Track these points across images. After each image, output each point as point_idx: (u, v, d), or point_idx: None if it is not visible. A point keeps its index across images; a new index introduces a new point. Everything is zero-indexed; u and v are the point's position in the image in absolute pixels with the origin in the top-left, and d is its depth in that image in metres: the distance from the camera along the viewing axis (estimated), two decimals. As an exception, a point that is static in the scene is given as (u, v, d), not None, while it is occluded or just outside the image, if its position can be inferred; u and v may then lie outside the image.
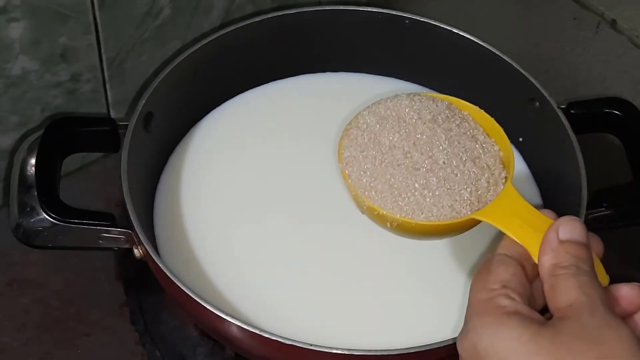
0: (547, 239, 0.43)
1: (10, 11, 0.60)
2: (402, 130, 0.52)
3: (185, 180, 0.66)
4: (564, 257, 0.42)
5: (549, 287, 0.41)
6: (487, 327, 0.40)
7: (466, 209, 0.50)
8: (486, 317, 0.40)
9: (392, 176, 0.50)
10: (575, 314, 0.39)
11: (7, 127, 0.67)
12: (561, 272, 0.41)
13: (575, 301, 0.39)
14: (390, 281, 0.60)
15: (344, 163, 0.53)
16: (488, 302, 0.41)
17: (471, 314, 0.41)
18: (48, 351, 0.63)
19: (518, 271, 0.43)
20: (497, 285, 0.42)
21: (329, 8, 0.70)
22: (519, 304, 0.41)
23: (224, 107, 0.71)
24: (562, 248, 0.42)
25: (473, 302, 0.42)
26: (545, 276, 0.42)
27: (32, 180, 0.58)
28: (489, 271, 0.43)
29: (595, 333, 0.38)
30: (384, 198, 0.50)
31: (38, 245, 0.57)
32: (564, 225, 0.43)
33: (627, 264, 0.70)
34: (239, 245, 0.62)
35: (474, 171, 0.51)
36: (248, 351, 0.55)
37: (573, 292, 0.40)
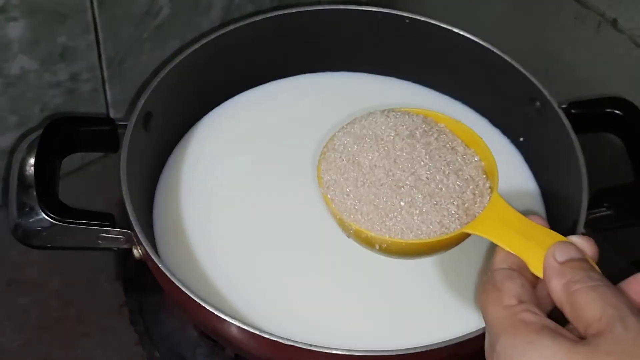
0: (549, 266, 0.42)
1: (9, 10, 0.60)
2: (380, 149, 0.51)
3: (185, 180, 0.66)
4: (572, 273, 0.41)
5: (569, 307, 0.40)
6: (519, 347, 0.39)
7: (455, 223, 0.49)
8: (516, 337, 0.39)
9: (376, 197, 0.49)
10: (608, 328, 0.38)
11: (6, 126, 0.67)
12: (577, 286, 0.40)
13: (603, 314, 0.38)
14: (390, 282, 0.60)
15: (325, 187, 0.51)
16: (511, 318, 0.40)
17: (497, 334, 0.40)
18: (47, 352, 0.63)
19: (525, 282, 0.42)
20: (514, 301, 0.41)
21: (329, 8, 0.70)
22: (543, 318, 0.40)
23: (223, 106, 0.71)
24: (566, 267, 0.42)
25: (494, 321, 0.41)
26: (561, 299, 0.41)
27: (31, 180, 0.57)
28: (498, 288, 0.42)
29: (632, 348, 0.37)
30: (370, 220, 0.49)
31: (37, 246, 0.57)
32: (558, 249, 0.43)
33: (627, 264, 0.70)
34: (239, 246, 0.62)
35: (459, 184, 0.50)
36: (248, 352, 0.55)
37: (597, 305, 0.39)
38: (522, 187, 0.67)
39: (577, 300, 0.40)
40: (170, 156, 0.68)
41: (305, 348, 0.49)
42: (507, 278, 0.43)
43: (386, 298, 0.59)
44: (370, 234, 0.49)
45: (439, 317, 0.58)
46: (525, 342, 0.38)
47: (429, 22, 0.68)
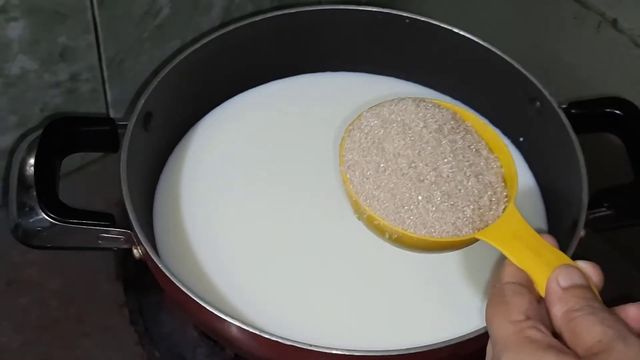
0: (551, 291, 0.42)
1: (9, 11, 0.60)
2: (407, 138, 0.50)
3: (185, 180, 0.66)
4: (574, 301, 0.41)
5: (569, 334, 0.40)
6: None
7: (468, 227, 0.49)
8: (521, 354, 0.39)
9: (395, 186, 0.49)
10: (608, 346, 0.38)
11: (6, 126, 0.67)
12: (577, 314, 0.40)
13: (603, 336, 0.38)
14: (391, 282, 0.60)
15: (345, 166, 0.51)
16: (517, 335, 0.40)
17: (502, 349, 0.40)
18: (47, 352, 0.63)
19: (532, 299, 0.42)
20: (522, 317, 0.41)
21: (329, 8, 0.70)
22: (548, 337, 0.40)
23: (223, 106, 0.71)
24: (568, 294, 0.42)
25: (500, 336, 0.41)
26: (562, 326, 0.41)
27: (31, 180, 0.57)
28: (506, 302, 0.42)
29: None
30: (386, 208, 0.49)
31: (37, 246, 0.57)
32: (562, 274, 0.43)
33: (627, 264, 0.70)
34: (239, 246, 0.62)
35: (478, 188, 0.50)
36: (248, 352, 0.55)
37: (597, 328, 0.39)
38: (522, 187, 0.67)
39: (577, 327, 0.40)
40: (171, 156, 0.68)
41: (305, 348, 0.49)
42: (516, 293, 0.42)
43: (387, 298, 0.59)
44: (384, 222, 0.48)
45: (439, 318, 0.58)
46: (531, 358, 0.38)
47: (429, 22, 0.68)
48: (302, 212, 0.63)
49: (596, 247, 0.60)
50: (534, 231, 0.47)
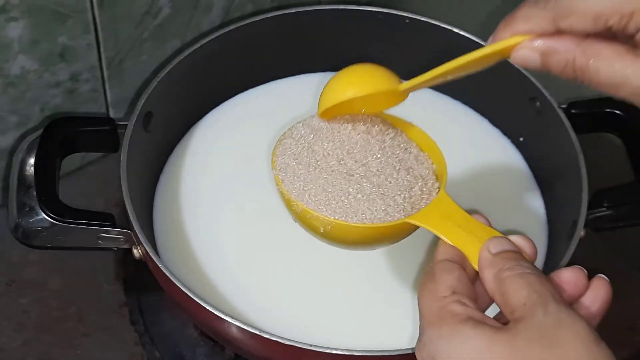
0: (482, 257, 0.43)
1: (9, 10, 0.59)
2: (335, 139, 0.52)
3: (185, 180, 0.66)
4: (503, 262, 0.42)
5: (500, 295, 0.41)
6: (443, 338, 0.39)
7: (400, 213, 0.49)
8: (441, 328, 0.40)
9: (325, 181, 0.50)
10: (529, 313, 0.39)
11: (6, 126, 0.67)
12: (506, 274, 0.41)
13: (528, 300, 0.39)
14: (391, 282, 0.60)
15: (277, 169, 0.52)
16: (441, 310, 0.41)
17: (426, 324, 0.41)
18: (47, 351, 0.63)
19: (462, 275, 0.43)
20: (447, 292, 0.41)
21: (329, 7, 0.70)
22: (470, 309, 0.40)
23: (223, 106, 0.71)
24: (498, 257, 0.42)
25: (426, 312, 0.42)
26: (493, 287, 0.41)
27: (31, 180, 0.57)
28: (435, 280, 0.43)
29: (551, 333, 0.38)
30: (317, 201, 0.49)
31: (37, 246, 0.57)
32: (492, 242, 0.43)
33: (627, 264, 0.70)
34: (239, 246, 0.62)
35: (408, 179, 0.51)
36: (248, 352, 0.55)
37: (523, 291, 0.40)
38: (522, 187, 0.68)
39: (506, 288, 0.40)
40: (171, 156, 0.68)
41: (305, 348, 0.49)
42: (445, 270, 0.43)
43: (387, 298, 0.59)
44: (315, 213, 0.49)
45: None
46: (450, 333, 0.39)
47: (429, 22, 0.68)
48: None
49: (596, 247, 0.60)
50: (465, 212, 0.48)
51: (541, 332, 0.38)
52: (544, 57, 0.42)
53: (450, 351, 0.39)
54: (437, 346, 0.39)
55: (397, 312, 0.59)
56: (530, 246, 0.44)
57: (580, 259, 0.53)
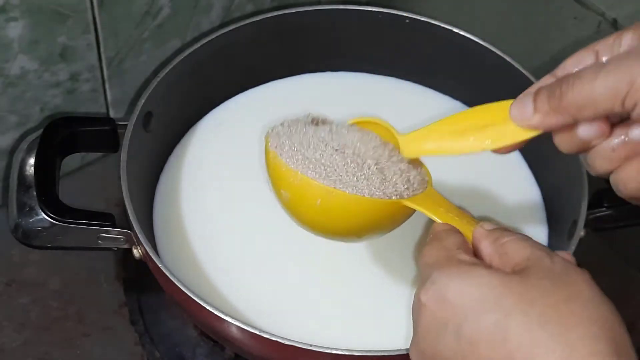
0: (478, 232, 0.44)
1: (9, 10, 0.59)
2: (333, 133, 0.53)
3: (185, 180, 0.66)
4: (499, 232, 0.43)
5: (499, 256, 0.42)
6: (454, 277, 0.40)
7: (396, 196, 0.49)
8: (450, 269, 0.40)
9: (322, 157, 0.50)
10: (536, 262, 0.40)
11: (6, 126, 0.67)
12: (506, 239, 0.42)
13: (532, 255, 0.40)
14: (391, 282, 0.60)
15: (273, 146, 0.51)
16: (448, 257, 0.42)
17: (431, 269, 0.41)
18: (47, 351, 0.63)
19: (465, 240, 0.44)
20: (454, 246, 0.43)
21: (329, 7, 0.70)
22: (478, 261, 0.42)
23: (223, 106, 0.71)
24: (494, 230, 0.44)
25: (431, 261, 0.42)
26: (491, 252, 0.42)
27: (31, 180, 0.57)
28: (440, 239, 0.44)
29: (561, 275, 0.39)
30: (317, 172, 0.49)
31: (37, 246, 0.57)
32: (486, 223, 0.45)
33: (627, 264, 0.70)
34: (239, 246, 0.62)
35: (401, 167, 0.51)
36: (248, 352, 0.55)
37: (527, 249, 0.41)
38: (522, 187, 0.67)
39: (506, 249, 0.41)
40: (171, 156, 0.68)
41: (305, 348, 0.49)
42: (449, 232, 0.44)
43: (387, 298, 0.59)
44: (315, 182, 0.48)
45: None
46: (461, 272, 0.40)
47: (429, 22, 0.68)
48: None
49: (596, 247, 0.60)
50: (454, 205, 0.50)
51: (552, 274, 0.39)
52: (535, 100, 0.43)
53: (463, 287, 0.39)
54: (447, 285, 0.40)
55: (397, 312, 0.59)
56: None
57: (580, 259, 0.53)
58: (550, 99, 0.41)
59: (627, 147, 0.41)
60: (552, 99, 0.41)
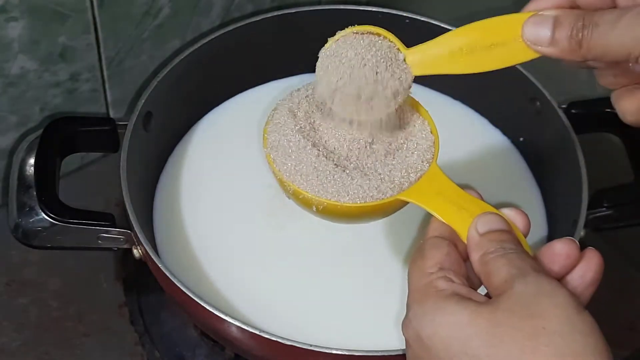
0: (470, 238, 0.43)
1: (9, 10, 0.59)
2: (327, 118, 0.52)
3: (185, 180, 0.66)
4: (488, 245, 0.42)
5: (484, 276, 0.41)
6: (427, 315, 0.40)
7: (393, 190, 0.49)
8: (425, 304, 0.40)
9: (317, 159, 0.50)
10: (510, 286, 0.39)
11: (6, 126, 0.67)
12: (489, 257, 0.41)
13: (508, 276, 0.40)
14: (391, 282, 0.60)
15: (268, 147, 0.51)
16: (426, 286, 0.41)
17: (412, 301, 0.41)
18: (47, 351, 0.63)
19: (452, 250, 0.43)
20: (434, 269, 0.42)
21: (329, 7, 0.70)
22: (456, 285, 0.41)
23: (223, 106, 0.71)
24: (484, 239, 0.43)
25: (412, 289, 0.42)
26: (478, 270, 0.42)
27: (31, 180, 0.57)
28: (424, 256, 0.43)
29: (530, 304, 0.38)
30: (309, 182, 0.49)
31: (37, 246, 0.57)
32: (481, 220, 0.43)
33: (627, 264, 0.70)
34: (239, 246, 0.62)
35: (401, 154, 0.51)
36: (248, 352, 0.55)
37: (504, 269, 0.40)
38: (522, 187, 0.67)
39: (489, 268, 0.41)
40: (171, 156, 0.68)
41: (305, 348, 0.49)
42: (434, 246, 0.43)
43: (387, 298, 0.59)
44: (308, 195, 0.49)
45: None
46: (433, 309, 0.40)
47: (429, 22, 0.68)
48: (304, 211, 0.63)
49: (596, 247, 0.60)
50: (457, 186, 0.48)
51: (521, 303, 0.38)
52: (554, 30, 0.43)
53: (435, 327, 0.39)
54: (420, 322, 0.40)
55: (397, 312, 0.59)
56: (523, 219, 0.45)
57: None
58: (570, 40, 0.42)
59: None
60: (572, 40, 0.42)
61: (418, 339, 0.40)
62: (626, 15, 0.40)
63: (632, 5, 0.41)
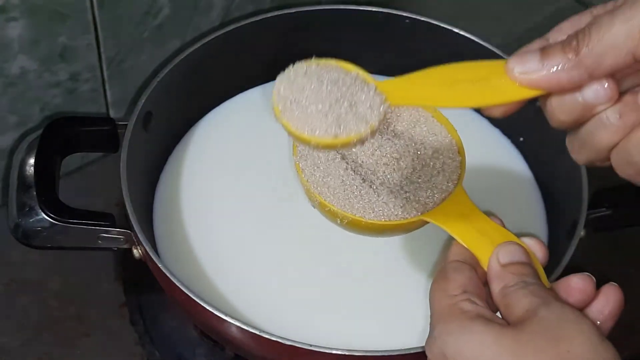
0: (491, 268, 0.44)
1: (9, 10, 0.59)
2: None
3: (185, 180, 0.66)
4: (509, 277, 0.43)
5: (504, 308, 0.42)
6: (453, 334, 0.40)
7: (417, 209, 0.50)
8: (451, 324, 0.41)
9: (345, 173, 0.50)
10: (533, 313, 0.39)
11: (6, 126, 0.67)
12: (510, 290, 0.42)
13: (530, 305, 0.40)
14: (391, 282, 0.60)
15: (298, 156, 0.52)
16: (451, 307, 0.42)
17: (436, 321, 0.42)
18: (47, 351, 0.63)
19: (473, 275, 0.44)
20: (458, 291, 0.42)
21: (329, 7, 0.70)
22: (481, 307, 0.41)
23: (223, 106, 0.71)
24: (505, 271, 0.43)
25: (436, 309, 0.43)
26: (498, 301, 0.42)
27: (31, 180, 0.57)
28: (447, 279, 0.44)
29: (556, 328, 0.38)
30: (336, 195, 0.50)
31: (37, 246, 0.57)
32: (502, 251, 0.44)
33: (627, 264, 0.70)
34: (239, 246, 0.62)
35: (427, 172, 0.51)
36: (248, 352, 0.55)
37: (526, 299, 0.41)
38: (522, 187, 0.67)
39: (509, 300, 0.41)
40: (170, 156, 0.68)
41: (305, 348, 0.49)
42: (457, 270, 0.44)
43: (387, 298, 0.59)
44: (334, 208, 0.50)
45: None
46: (459, 328, 0.40)
47: (429, 22, 0.68)
48: (303, 212, 0.63)
49: (596, 247, 0.60)
50: (480, 211, 0.49)
51: (546, 327, 0.38)
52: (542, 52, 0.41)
53: (459, 346, 0.40)
54: (446, 342, 0.40)
55: (397, 312, 0.59)
56: (542, 249, 0.45)
57: (580, 259, 0.53)
58: (566, 50, 0.38)
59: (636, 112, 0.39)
60: (569, 49, 0.38)
61: (443, 358, 0.40)
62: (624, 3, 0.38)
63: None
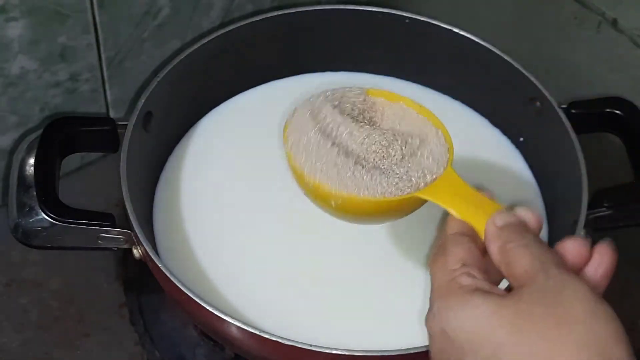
0: (488, 231, 0.44)
1: (9, 10, 0.60)
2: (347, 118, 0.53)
3: (185, 180, 0.66)
4: (508, 234, 0.43)
5: (505, 266, 0.42)
6: (452, 309, 0.40)
7: (411, 188, 0.50)
8: (449, 299, 0.41)
9: (337, 156, 0.51)
10: (531, 278, 0.40)
11: (6, 126, 0.67)
12: (510, 245, 0.42)
13: (530, 267, 0.40)
14: (391, 282, 0.60)
15: (289, 146, 0.52)
16: (450, 283, 0.42)
17: (435, 297, 0.42)
18: (47, 351, 0.63)
19: (472, 247, 0.44)
20: (457, 265, 0.43)
21: (329, 7, 0.70)
22: (479, 280, 0.41)
23: (223, 106, 0.71)
24: (503, 230, 0.43)
25: (435, 285, 0.43)
26: (499, 259, 0.43)
27: (31, 180, 0.57)
28: (446, 252, 0.44)
29: (553, 295, 0.39)
30: (330, 177, 0.50)
31: (37, 246, 0.57)
32: (498, 215, 0.44)
33: (628, 264, 0.70)
34: (239, 246, 0.62)
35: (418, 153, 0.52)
36: (248, 352, 0.55)
37: (526, 259, 0.41)
38: (522, 187, 0.67)
39: (510, 258, 0.42)
40: (170, 156, 0.68)
41: (305, 348, 0.49)
42: (456, 243, 0.44)
43: (387, 298, 0.59)
44: (327, 188, 0.50)
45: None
46: (458, 303, 0.40)
47: (429, 22, 0.68)
48: (303, 211, 0.63)
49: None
50: (472, 188, 0.49)
51: (544, 294, 0.39)
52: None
53: (459, 321, 0.40)
54: (446, 317, 0.40)
55: (397, 311, 0.59)
56: (535, 218, 0.45)
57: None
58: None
59: None
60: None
61: (443, 333, 0.40)
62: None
63: None
